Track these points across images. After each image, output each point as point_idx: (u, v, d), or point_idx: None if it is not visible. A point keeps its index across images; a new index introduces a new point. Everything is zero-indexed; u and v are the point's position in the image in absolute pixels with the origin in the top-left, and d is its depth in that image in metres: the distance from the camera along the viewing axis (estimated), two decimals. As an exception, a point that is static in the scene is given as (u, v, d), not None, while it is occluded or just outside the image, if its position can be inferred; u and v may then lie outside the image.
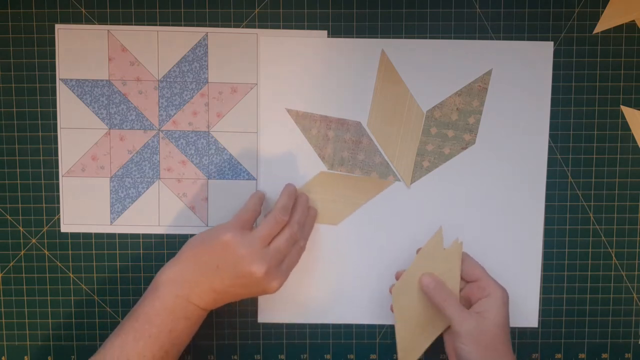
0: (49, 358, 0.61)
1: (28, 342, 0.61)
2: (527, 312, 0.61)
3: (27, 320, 0.61)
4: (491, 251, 0.60)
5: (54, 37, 0.58)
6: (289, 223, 0.54)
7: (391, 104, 0.59)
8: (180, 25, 0.59)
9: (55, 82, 0.59)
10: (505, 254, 0.60)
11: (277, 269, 0.53)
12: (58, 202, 0.60)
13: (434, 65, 0.59)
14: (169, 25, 0.59)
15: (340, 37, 0.59)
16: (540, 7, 0.59)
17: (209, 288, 0.52)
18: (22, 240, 0.60)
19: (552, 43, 0.59)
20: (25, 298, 0.61)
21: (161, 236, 0.60)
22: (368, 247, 0.60)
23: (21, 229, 0.60)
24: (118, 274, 0.60)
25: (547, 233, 0.60)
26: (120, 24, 0.58)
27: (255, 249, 0.52)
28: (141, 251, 0.60)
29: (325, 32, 0.59)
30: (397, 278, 0.57)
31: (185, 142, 0.60)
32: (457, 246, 0.55)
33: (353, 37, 0.59)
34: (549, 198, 0.60)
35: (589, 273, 0.61)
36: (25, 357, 0.61)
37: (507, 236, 0.60)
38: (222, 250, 0.52)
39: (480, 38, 0.59)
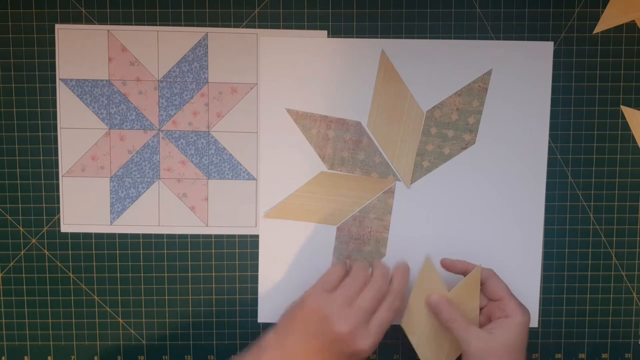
0: (49, 358, 0.61)
1: (28, 342, 0.61)
2: (527, 312, 0.61)
3: (27, 320, 0.61)
4: (491, 251, 0.60)
5: (54, 37, 0.58)
6: (372, 278, 0.53)
7: (391, 104, 0.59)
8: (180, 25, 0.59)
9: (55, 82, 0.59)
10: (505, 254, 0.60)
11: (364, 327, 0.51)
12: (58, 202, 0.60)
13: (434, 65, 0.59)
14: (169, 25, 0.59)
15: (340, 37, 0.59)
16: (540, 7, 0.59)
17: (304, 356, 0.51)
18: (22, 240, 0.60)
19: (552, 43, 0.59)
20: (25, 298, 0.61)
21: (161, 236, 0.60)
22: (368, 247, 0.60)
23: (21, 229, 0.60)
24: (118, 274, 0.60)
25: (547, 233, 0.60)
26: (120, 24, 0.58)
27: (337, 308, 0.51)
28: (141, 251, 0.60)
29: (325, 32, 0.59)
30: (442, 264, 0.56)
31: (185, 142, 0.60)
32: (476, 272, 0.54)
33: (353, 37, 0.59)
34: (549, 198, 0.60)
35: (589, 273, 0.61)
36: (25, 357, 0.61)
37: (507, 236, 0.60)
38: (310, 315, 0.51)
39: (480, 38, 0.59)
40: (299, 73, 0.59)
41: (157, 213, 0.60)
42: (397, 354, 0.61)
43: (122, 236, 0.60)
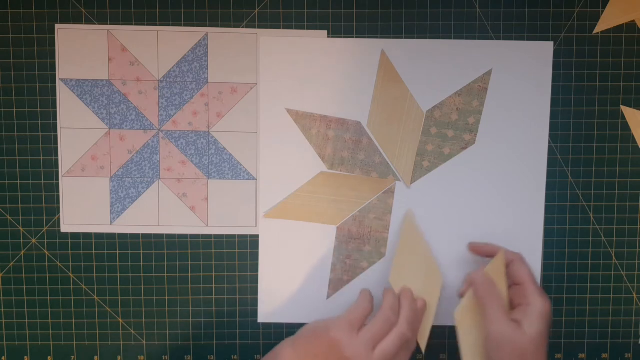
0: (49, 358, 0.61)
1: (28, 342, 0.61)
2: (527, 312, 0.61)
3: (27, 320, 0.61)
4: (491, 251, 0.60)
5: (54, 37, 0.58)
6: (397, 322, 0.52)
7: (391, 104, 0.59)
8: (180, 25, 0.59)
9: (55, 82, 0.59)
10: (505, 254, 0.60)
11: None
12: (58, 202, 0.60)
13: (434, 65, 0.59)
14: (169, 25, 0.59)
15: (340, 37, 0.59)
16: (540, 7, 0.59)
17: None
18: (22, 240, 0.60)
19: (552, 43, 0.59)
20: (25, 298, 0.61)
21: (161, 236, 0.60)
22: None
23: (21, 229, 0.60)
24: (118, 274, 0.60)
25: (547, 233, 0.60)
26: (120, 24, 0.58)
27: (361, 352, 0.50)
28: (141, 251, 0.60)
29: (325, 32, 0.59)
30: (470, 249, 0.56)
31: (185, 142, 0.60)
32: (500, 256, 0.53)
33: (353, 37, 0.59)
34: (549, 198, 0.60)
35: (589, 273, 0.61)
36: (25, 357, 0.61)
37: (507, 236, 0.60)
38: (329, 348, 0.50)
39: (480, 38, 0.59)
40: (299, 73, 0.59)
41: (157, 213, 0.60)
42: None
43: (122, 236, 0.60)
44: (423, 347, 0.55)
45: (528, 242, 0.60)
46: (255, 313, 0.61)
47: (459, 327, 0.54)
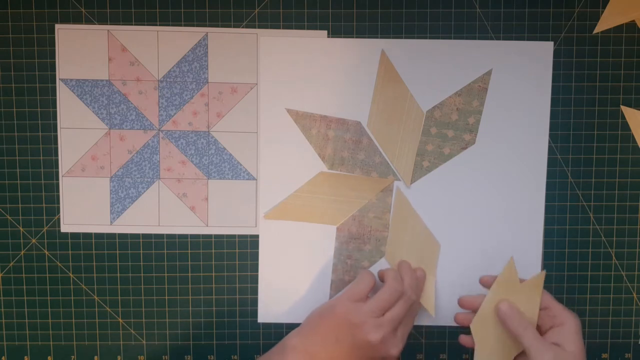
0: (49, 358, 0.61)
1: (28, 342, 0.61)
2: (527, 312, 0.61)
3: (27, 320, 0.61)
4: (491, 251, 0.60)
5: (54, 37, 0.58)
6: (404, 290, 0.55)
7: (391, 104, 0.59)
8: (180, 25, 0.59)
9: (55, 82, 0.59)
10: (505, 254, 0.60)
11: (393, 335, 0.53)
12: (58, 202, 0.60)
13: (434, 65, 0.59)
14: (169, 25, 0.59)
15: (340, 37, 0.59)
16: (540, 7, 0.59)
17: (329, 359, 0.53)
18: (22, 240, 0.60)
19: (552, 43, 0.59)
20: (25, 298, 0.61)
21: (161, 236, 0.60)
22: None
23: (21, 229, 0.60)
24: (118, 274, 0.60)
25: (547, 233, 0.60)
26: (120, 24, 0.58)
27: (368, 318, 0.52)
28: (141, 251, 0.60)
29: (325, 32, 0.59)
30: (459, 304, 0.56)
31: (185, 142, 0.60)
32: (539, 277, 0.54)
33: (353, 37, 0.59)
34: (549, 198, 0.60)
35: (589, 273, 0.61)
36: (25, 357, 0.61)
37: (507, 236, 0.60)
38: (337, 323, 0.53)
39: (480, 38, 0.59)
40: (299, 73, 0.59)
41: (157, 213, 0.60)
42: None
43: (122, 236, 0.60)
44: (432, 311, 0.58)
45: (528, 242, 0.60)
46: (255, 313, 0.61)
47: (475, 337, 0.55)
